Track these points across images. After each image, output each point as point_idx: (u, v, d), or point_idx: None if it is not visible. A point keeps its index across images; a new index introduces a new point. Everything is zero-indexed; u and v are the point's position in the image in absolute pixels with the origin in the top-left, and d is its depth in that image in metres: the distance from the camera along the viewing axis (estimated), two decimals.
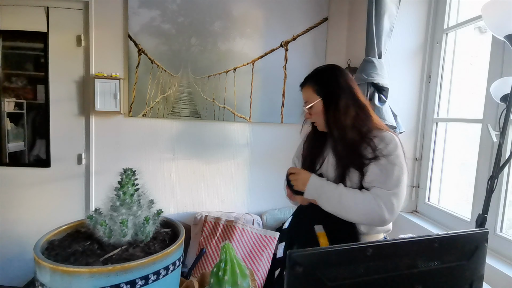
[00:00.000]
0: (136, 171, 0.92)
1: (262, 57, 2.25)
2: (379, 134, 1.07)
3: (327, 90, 1.13)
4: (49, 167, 2.23)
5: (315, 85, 1.16)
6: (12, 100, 2.23)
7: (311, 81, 1.17)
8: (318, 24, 2.24)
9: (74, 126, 2.23)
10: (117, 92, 2.14)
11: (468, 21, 1.59)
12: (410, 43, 1.83)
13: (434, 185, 1.83)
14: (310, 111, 1.17)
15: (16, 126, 2.26)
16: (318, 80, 1.16)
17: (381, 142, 1.05)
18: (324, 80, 1.16)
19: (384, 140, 1.05)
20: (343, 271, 0.54)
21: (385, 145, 1.05)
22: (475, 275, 0.64)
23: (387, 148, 1.04)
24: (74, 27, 2.17)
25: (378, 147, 1.05)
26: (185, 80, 2.23)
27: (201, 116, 2.27)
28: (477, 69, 1.66)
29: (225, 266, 0.62)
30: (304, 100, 1.19)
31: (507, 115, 1.03)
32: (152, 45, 2.18)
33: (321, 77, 1.17)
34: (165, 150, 2.28)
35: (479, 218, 1.07)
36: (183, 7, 2.18)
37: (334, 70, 1.18)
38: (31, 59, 2.23)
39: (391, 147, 1.05)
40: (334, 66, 1.20)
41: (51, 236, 0.80)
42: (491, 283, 1.04)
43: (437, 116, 1.80)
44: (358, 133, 1.07)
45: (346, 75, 1.16)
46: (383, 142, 1.05)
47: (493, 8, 1.02)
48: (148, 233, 0.84)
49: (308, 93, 1.17)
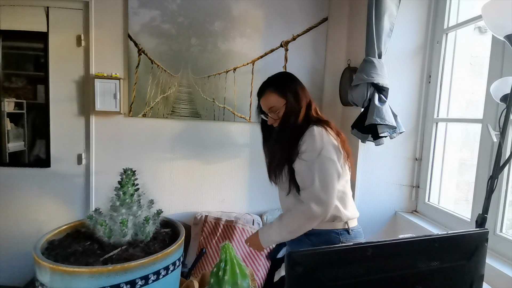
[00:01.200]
0: (136, 171, 0.92)
1: (262, 57, 2.24)
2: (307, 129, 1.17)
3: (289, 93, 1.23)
4: (49, 167, 2.23)
5: (279, 90, 1.24)
6: (12, 100, 2.23)
7: (274, 86, 1.26)
8: (318, 24, 2.24)
9: (74, 126, 2.23)
10: (117, 92, 2.14)
11: (468, 21, 1.59)
12: (410, 43, 1.83)
13: (434, 185, 1.83)
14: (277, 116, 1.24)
15: (16, 126, 2.26)
16: (280, 85, 1.26)
17: (302, 138, 1.16)
18: (285, 83, 1.26)
19: (304, 137, 1.16)
20: (343, 271, 0.54)
21: (304, 141, 1.15)
22: (475, 275, 0.64)
23: (303, 145, 1.14)
24: (74, 27, 2.17)
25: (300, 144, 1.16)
26: (185, 80, 2.23)
27: (201, 116, 2.27)
28: (477, 69, 1.66)
29: (225, 266, 0.62)
30: (269, 106, 1.25)
31: (507, 115, 1.03)
32: (152, 45, 2.18)
33: (281, 81, 1.27)
34: (165, 150, 2.27)
35: (479, 218, 1.07)
36: (183, 7, 2.18)
37: (288, 74, 1.32)
38: (31, 59, 2.23)
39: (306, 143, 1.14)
40: (286, 72, 1.35)
41: (51, 236, 0.80)
42: (491, 283, 1.04)
43: (437, 116, 1.80)
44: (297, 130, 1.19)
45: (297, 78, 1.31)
46: (303, 138, 1.16)
47: (493, 8, 1.02)
48: (148, 233, 0.84)
49: (273, 98, 1.24)
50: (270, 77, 1.32)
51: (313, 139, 1.13)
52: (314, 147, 1.12)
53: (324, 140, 1.14)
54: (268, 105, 1.26)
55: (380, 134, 1.63)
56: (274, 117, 1.26)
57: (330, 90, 2.27)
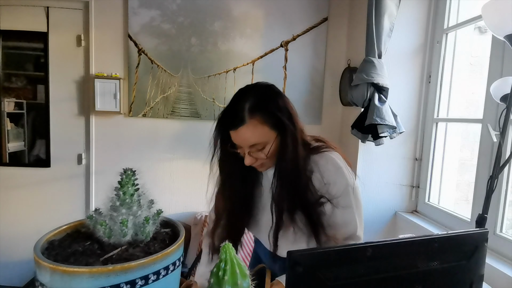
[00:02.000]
0: (136, 171, 0.92)
1: (262, 57, 2.24)
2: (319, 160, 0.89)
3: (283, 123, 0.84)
4: (49, 167, 2.23)
5: (271, 119, 0.84)
6: (12, 100, 2.23)
7: (259, 113, 0.83)
8: (318, 24, 2.24)
9: (74, 126, 2.23)
10: (117, 92, 2.14)
11: (468, 21, 1.59)
12: (410, 43, 1.83)
13: (434, 185, 1.83)
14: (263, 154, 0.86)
15: (16, 126, 2.26)
16: (269, 111, 0.84)
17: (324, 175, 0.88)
18: (275, 108, 0.85)
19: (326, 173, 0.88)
20: (343, 271, 0.54)
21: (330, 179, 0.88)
22: (475, 275, 0.64)
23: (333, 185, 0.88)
24: (74, 27, 2.17)
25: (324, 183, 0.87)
26: (185, 80, 2.23)
27: (201, 116, 2.27)
28: (477, 69, 1.66)
29: (225, 266, 0.62)
30: (251, 142, 0.84)
31: (507, 115, 1.03)
32: (152, 45, 2.18)
33: (270, 106, 0.84)
34: (165, 150, 2.27)
35: (479, 218, 1.07)
36: (183, 7, 2.18)
37: (275, 91, 0.89)
38: (31, 59, 2.23)
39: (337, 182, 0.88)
40: (268, 85, 0.90)
41: (51, 236, 0.80)
42: (491, 283, 1.04)
43: (437, 116, 1.80)
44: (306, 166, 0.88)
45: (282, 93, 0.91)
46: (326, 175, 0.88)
47: (493, 8, 1.02)
48: (148, 233, 0.84)
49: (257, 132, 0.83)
50: (244, 94, 0.87)
51: (342, 174, 0.88)
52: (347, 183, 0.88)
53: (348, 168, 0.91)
54: (251, 141, 0.84)
55: (380, 134, 1.63)
56: (258, 156, 0.87)
57: (330, 90, 2.27)
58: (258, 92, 0.87)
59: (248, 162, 0.87)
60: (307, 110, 2.27)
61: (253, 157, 0.87)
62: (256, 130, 0.83)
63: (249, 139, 0.84)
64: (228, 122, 0.86)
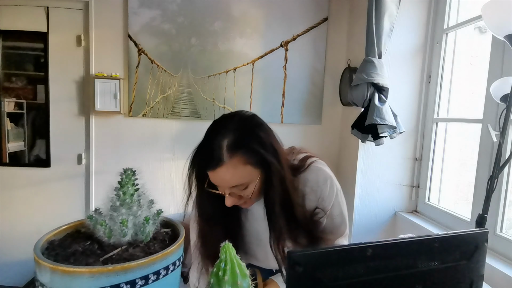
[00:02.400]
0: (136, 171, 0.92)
1: (262, 57, 2.24)
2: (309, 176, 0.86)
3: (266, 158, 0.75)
4: (49, 167, 2.23)
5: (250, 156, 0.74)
6: (12, 100, 2.23)
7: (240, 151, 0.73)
8: (318, 24, 2.24)
9: (74, 126, 2.23)
10: (117, 92, 2.14)
11: (468, 21, 1.59)
12: (410, 43, 1.83)
13: (434, 185, 1.83)
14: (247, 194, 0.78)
15: (16, 126, 2.26)
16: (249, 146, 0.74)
17: (316, 189, 0.86)
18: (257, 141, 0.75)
19: (316, 186, 0.85)
20: (343, 271, 0.54)
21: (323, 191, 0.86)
22: (475, 275, 0.64)
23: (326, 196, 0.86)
24: (74, 27, 2.17)
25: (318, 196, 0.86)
26: (185, 80, 2.23)
27: (201, 116, 2.27)
28: (477, 69, 1.66)
29: (225, 266, 0.62)
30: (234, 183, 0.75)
31: (507, 115, 1.03)
32: (152, 45, 2.18)
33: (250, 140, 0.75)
34: (165, 150, 2.27)
35: (479, 218, 1.07)
36: (183, 7, 2.18)
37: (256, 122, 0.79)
38: (31, 59, 2.23)
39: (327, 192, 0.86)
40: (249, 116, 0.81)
41: (51, 236, 0.80)
42: (491, 283, 1.04)
43: (437, 116, 1.80)
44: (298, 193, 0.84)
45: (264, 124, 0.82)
46: (319, 188, 0.86)
47: (493, 8, 1.02)
48: (148, 233, 0.84)
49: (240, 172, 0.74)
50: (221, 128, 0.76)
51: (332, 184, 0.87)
52: (337, 190, 0.88)
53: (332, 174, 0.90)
54: (231, 183, 0.75)
55: (380, 134, 1.63)
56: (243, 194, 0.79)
57: (330, 90, 2.27)
58: (237, 126, 0.76)
59: (230, 203, 0.78)
60: (307, 110, 2.27)
61: (235, 197, 0.78)
62: (237, 171, 0.73)
63: (229, 181, 0.75)
64: (204, 162, 0.76)
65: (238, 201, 0.80)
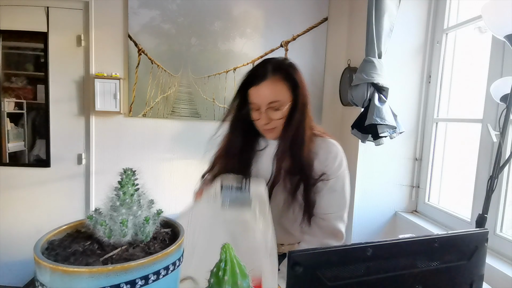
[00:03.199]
0: (136, 171, 0.92)
1: (262, 57, 2.24)
2: (323, 144, 0.97)
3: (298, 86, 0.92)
4: (49, 167, 2.23)
5: (290, 80, 0.91)
6: (12, 100, 2.23)
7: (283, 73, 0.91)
8: (318, 24, 2.24)
9: (74, 126, 2.23)
10: (117, 92, 2.14)
11: (468, 21, 1.59)
12: (410, 43, 1.83)
13: (434, 185, 1.83)
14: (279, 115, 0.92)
15: (16, 126, 2.26)
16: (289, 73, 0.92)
17: (328, 155, 0.96)
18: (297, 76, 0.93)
19: (331, 153, 0.96)
20: (343, 271, 0.54)
21: (332, 159, 0.95)
22: (475, 275, 0.64)
23: (334, 163, 0.95)
24: (74, 27, 2.17)
25: (326, 162, 0.95)
26: (185, 80, 2.23)
27: (201, 116, 2.27)
28: (477, 69, 1.66)
29: (225, 266, 0.62)
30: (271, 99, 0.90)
31: (507, 115, 1.03)
32: (152, 45, 2.18)
33: (293, 72, 0.93)
34: (165, 150, 2.27)
35: (479, 218, 1.07)
36: (183, 7, 2.18)
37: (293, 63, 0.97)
38: (31, 59, 2.23)
39: (338, 161, 0.96)
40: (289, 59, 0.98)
41: (51, 236, 0.80)
42: (491, 283, 1.04)
43: (437, 116, 1.80)
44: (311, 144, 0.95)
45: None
46: (330, 154, 0.96)
47: (493, 8, 1.02)
48: (148, 233, 0.84)
49: (279, 89, 0.90)
50: (269, 59, 0.95)
51: (341, 160, 0.96)
52: (345, 166, 0.97)
53: (344, 155, 0.99)
54: (271, 97, 0.90)
55: (380, 134, 1.63)
56: (274, 117, 0.92)
57: (330, 90, 2.27)
58: (281, 59, 0.96)
59: (264, 121, 0.92)
60: None
61: (268, 116, 0.91)
62: (275, 87, 0.89)
63: (269, 96, 0.89)
64: (251, 80, 0.92)
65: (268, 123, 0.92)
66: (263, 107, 0.91)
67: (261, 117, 0.92)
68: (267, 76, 0.89)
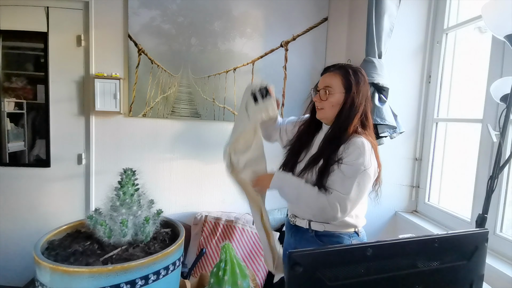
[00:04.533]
0: (136, 171, 0.92)
1: (262, 57, 2.24)
2: (353, 138, 1.12)
3: (354, 91, 1.14)
4: (49, 167, 2.23)
5: (346, 79, 1.15)
6: (12, 100, 2.23)
7: (343, 72, 1.16)
8: (318, 24, 2.24)
9: (74, 126, 2.23)
10: (117, 92, 2.14)
11: (468, 21, 1.59)
12: (410, 43, 1.83)
13: (434, 185, 1.83)
14: (326, 97, 1.16)
15: (16, 126, 2.26)
16: (350, 76, 1.15)
17: (349, 147, 1.11)
18: (356, 79, 1.15)
19: (351, 146, 1.11)
20: (343, 271, 0.54)
21: (351, 151, 1.10)
22: (475, 275, 0.64)
23: (353, 153, 1.09)
24: (74, 27, 2.17)
25: (348, 150, 1.10)
26: (185, 80, 2.23)
27: (201, 116, 2.27)
28: (477, 69, 1.66)
29: (225, 266, 0.62)
30: (326, 84, 1.17)
31: (507, 115, 1.03)
32: (152, 45, 2.18)
33: (354, 75, 1.16)
34: (165, 150, 2.27)
35: (479, 218, 1.07)
36: (183, 7, 2.18)
37: (364, 75, 1.19)
38: (31, 59, 2.23)
39: (357, 153, 1.09)
40: (363, 71, 1.20)
41: (51, 236, 0.80)
42: (491, 283, 1.04)
43: (437, 116, 1.80)
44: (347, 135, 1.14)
45: (368, 84, 1.21)
46: (351, 147, 1.11)
47: (493, 8, 1.02)
48: (148, 233, 0.84)
49: (335, 80, 1.16)
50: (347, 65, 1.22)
51: (363, 155, 1.09)
52: (362, 162, 1.08)
53: (371, 158, 1.11)
54: (326, 82, 1.17)
55: (380, 134, 1.63)
56: (323, 97, 1.17)
57: None
58: (352, 65, 1.20)
59: (317, 98, 1.19)
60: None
61: (320, 96, 1.18)
62: (333, 78, 1.16)
63: (326, 81, 1.18)
64: (324, 71, 1.22)
65: (320, 102, 1.19)
66: (321, 88, 1.18)
67: (316, 96, 1.20)
68: (331, 70, 1.19)
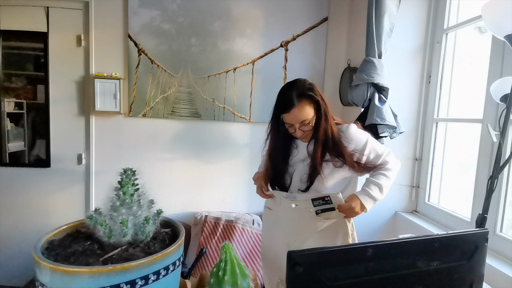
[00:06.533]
0: (136, 171, 0.92)
1: (262, 57, 2.24)
2: (346, 133, 1.23)
3: (321, 103, 1.21)
4: (49, 167, 2.23)
5: (312, 101, 1.19)
6: (12, 100, 2.23)
7: (306, 98, 1.18)
8: (318, 24, 2.24)
9: (74, 126, 2.23)
10: (117, 92, 2.14)
11: (468, 21, 1.59)
12: (410, 43, 1.83)
13: (434, 185, 1.83)
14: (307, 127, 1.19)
15: (16, 126, 2.26)
16: (312, 95, 1.19)
17: (351, 139, 1.22)
18: (317, 92, 1.21)
19: (348, 137, 1.22)
20: (343, 271, 0.54)
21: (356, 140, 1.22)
22: (475, 275, 0.64)
23: (358, 140, 1.22)
24: (74, 27, 2.17)
25: (352, 142, 1.22)
26: (185, 80, 2.23)
27: (201, 116, 2.27)
28: (477, 69, 1.66)
29: (225, 266, 0.62)
30: (300, 120, 1.18)
31: (507, 115, 1.03)
32: (152, 45, 2.18)
33: (312, 91, 1.20)
34: (165, 150, 2.27)
35: (479, 218, 1.07)
36: (183, 7, 2.18)
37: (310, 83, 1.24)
38: (31, 59, 2.23)
39: (358, 138, 1.23)
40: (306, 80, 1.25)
41: (51, 236, 0.80)
42: (491, 283, 1.04)
43: (437, 116, 1.80)
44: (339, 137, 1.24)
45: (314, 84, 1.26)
46: (353, 138, 1.22)
47: (493, 8, 1.02)
48: (148, 233, 0.84)
49: (306, 110, 1.17)
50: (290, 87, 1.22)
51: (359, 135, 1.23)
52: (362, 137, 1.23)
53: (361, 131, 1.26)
54: (301, 119, 1.18)
55: (380, 134, 1.63)
56: (304, 129, 1.20)
57: (330, 90, 2.27)
58: (300, 85, 1.20)
59: (299, 135, 1.21)
60: None
61: (302, 130, 1.20)
62: (303, 110, 1.17)
63: (299, 117, 1.17)
64: (282, 108, 1.19)
65: (303, 134, 1.21)
66: (297, 125, 1.19)
67: (296, 132, 1.20)
68: (294, 104, 1.16)
